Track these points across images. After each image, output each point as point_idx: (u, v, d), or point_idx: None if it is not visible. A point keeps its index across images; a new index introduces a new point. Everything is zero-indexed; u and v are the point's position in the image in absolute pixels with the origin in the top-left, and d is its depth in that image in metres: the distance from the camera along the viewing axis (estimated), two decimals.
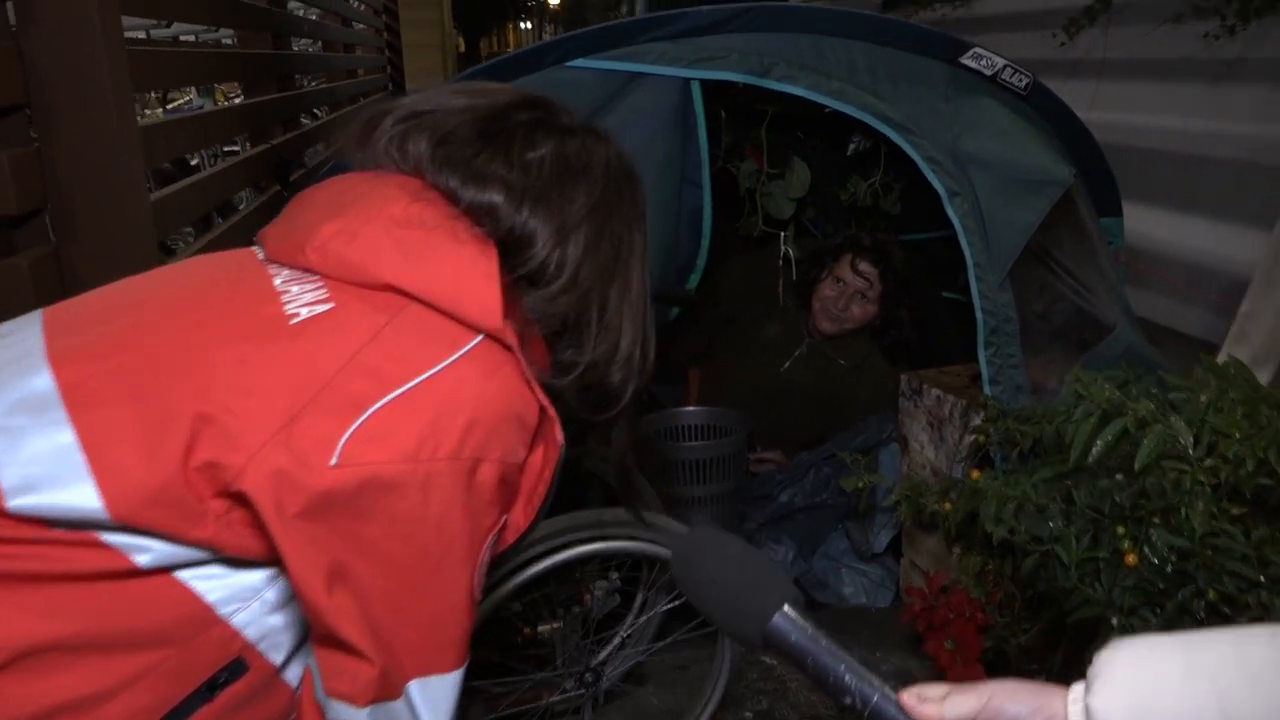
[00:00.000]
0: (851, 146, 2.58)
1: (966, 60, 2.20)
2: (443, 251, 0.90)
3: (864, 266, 2.70)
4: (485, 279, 0.90)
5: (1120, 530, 1.34)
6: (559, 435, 0.97)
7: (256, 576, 0.88)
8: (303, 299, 0.89)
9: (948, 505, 1.84)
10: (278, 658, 0.93)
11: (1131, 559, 1.32)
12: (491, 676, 2.04)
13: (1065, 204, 2.32)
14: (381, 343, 0.86)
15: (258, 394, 0.82)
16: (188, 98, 5.73)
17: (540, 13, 29.91)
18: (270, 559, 0.85)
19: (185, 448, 0.80)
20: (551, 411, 0.94)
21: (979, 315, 2.20)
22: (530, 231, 0.96)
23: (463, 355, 0.88)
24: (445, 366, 0.87)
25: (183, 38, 4.92)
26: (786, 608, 0.87)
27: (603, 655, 2.05)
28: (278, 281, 0.92)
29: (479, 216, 0.95)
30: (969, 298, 2.18)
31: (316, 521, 0.81)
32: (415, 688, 0.89)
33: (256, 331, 0.86)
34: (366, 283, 0.90)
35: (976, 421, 2.28)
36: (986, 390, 2.23)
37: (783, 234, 2.75)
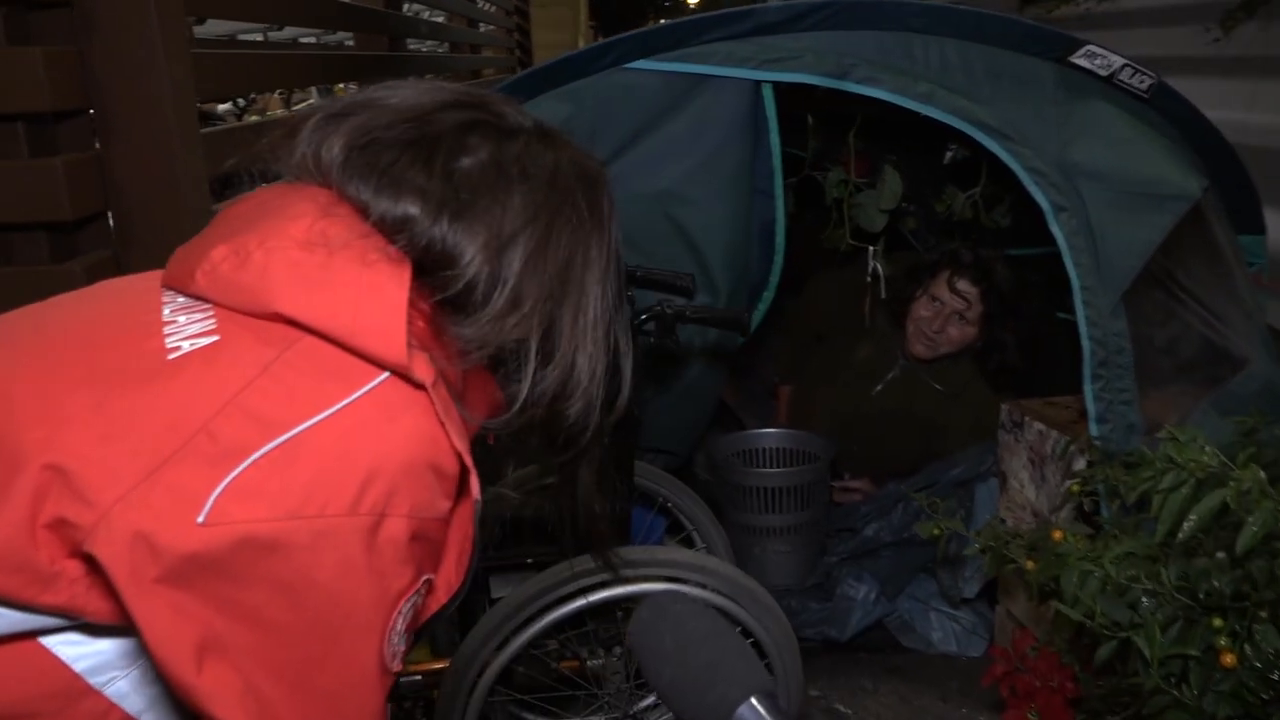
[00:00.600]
0: (949, 154, 2.36)
1: (1078, 59, 1.96)
2: (344, 275, 0.78)
3: (963, 285, 2.46)
4: (388, 306, 0.77)
5: (1216, 623, 1.11)
6: (475, 488, 0.84)
7: (134, 642, 0.77)
8: (187, 331, 0.78)
9: (1031, 564, 1.62)
10: None
11: (1229, 659, 1.09)
12: (529, 712, 1.94)
13: (1194, 221, 2.06)
14: (267, 382, 0.75)
15: (117, 441, 0.72)
16: (310, 100, 5.87)
17: (679, 10, 29.90)
18: None
19: (31, 503, 0.70)
20: (468, 461, 0.81)
21: (1085, 344, 1.97)
22: (452, 247, 0.82)
23: (362, 395, 0.76)
24: (340, 409, 0.75)
25: (302, 39, 5.01)
26: (754, 700, 0.72)
27: (648, 700, 1.91)
28: (167, 311, 0.81)
29: (392, 232, 0.82)
30: None
31: (182, 588, 0.70)
32: None
33: (127, 369, 0.76)
34: (257, 312, 0.78)
35: (1081, 464, 2.04)
36: (1093, 429, 1.99)
37: (871, 249, 2.54)
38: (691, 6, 30.60)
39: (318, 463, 0.73)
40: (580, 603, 1.68)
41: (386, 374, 0.78)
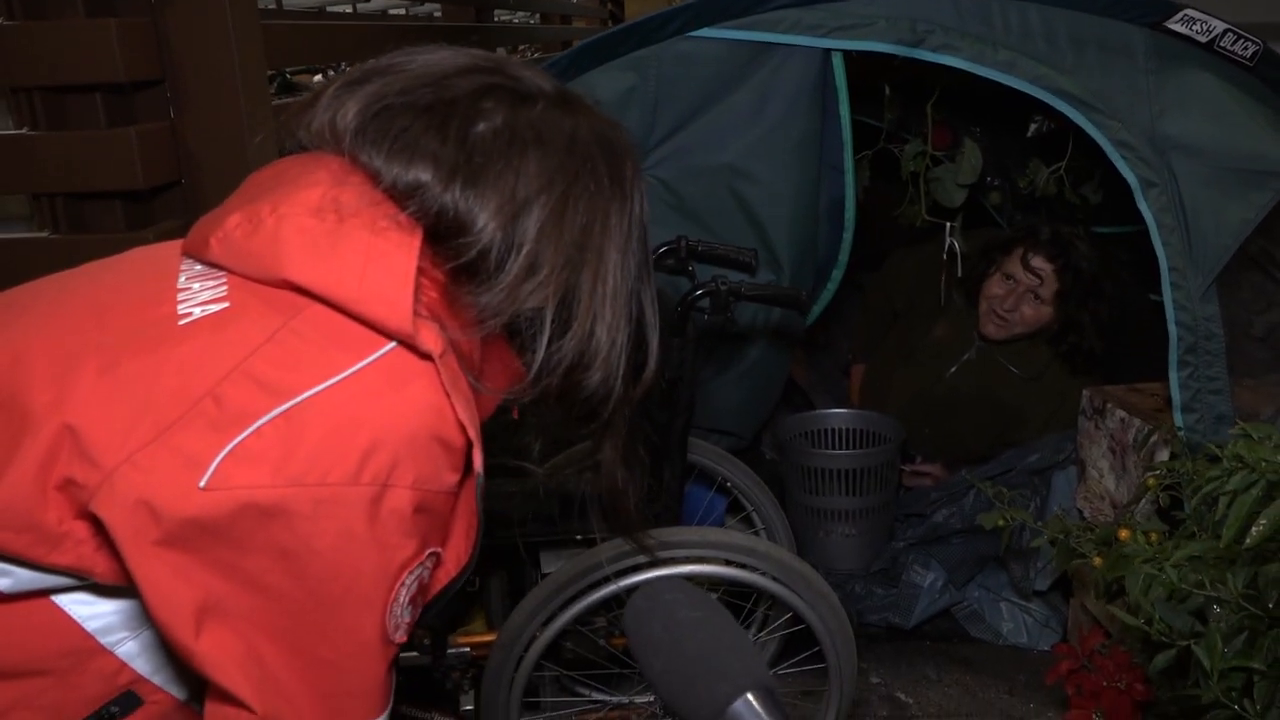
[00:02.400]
0: (1033, 127, 2.24)
1: (1174, 25, 1.84)
2: (353, 242, 0.77)
3: (1037, 261, 2.35)
4: (396, 273, 0.76)
5: None
6: (478, 463, 0.82)
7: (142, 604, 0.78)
8: (200, 298, 0.79)
9: (1098, 561, 1.54)
10: (181, 690, 0.84)
11: None
12: (570, 693, 1.93)
13: None
14: (273, 349, 0.75)
15: (124, 404, 0.72)
16: None
17: None
18: None
19: (43, 462, 0.71)
20: (472, 433, 0.79)
21: (1172, 329, 1.87)
22: (464, 214, 0.81)
23: (368, 364, 0.75)
24: (346, 377, 0.74)
25: (392, 11, 5.05)
26: (750, 696, 0.68)
27: None
28: (182, 278, 0.82)
29: (403, 199, 0.81)
30: None
31: (183, 551, 0.71)
32: None
33: (137, 335, 0.76)
34: (267, 278, 0.78)
35: (1164, 455, 1.94)
36: (1178, 419, 1.88)
37: (949, 225, 2.44)
38: None
39: (321, 430, 0.73)
40: (626, 581, 1.66)
41: (394, 343, 0.77)
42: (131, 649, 0.80)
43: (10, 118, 1.70)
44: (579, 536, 1.78)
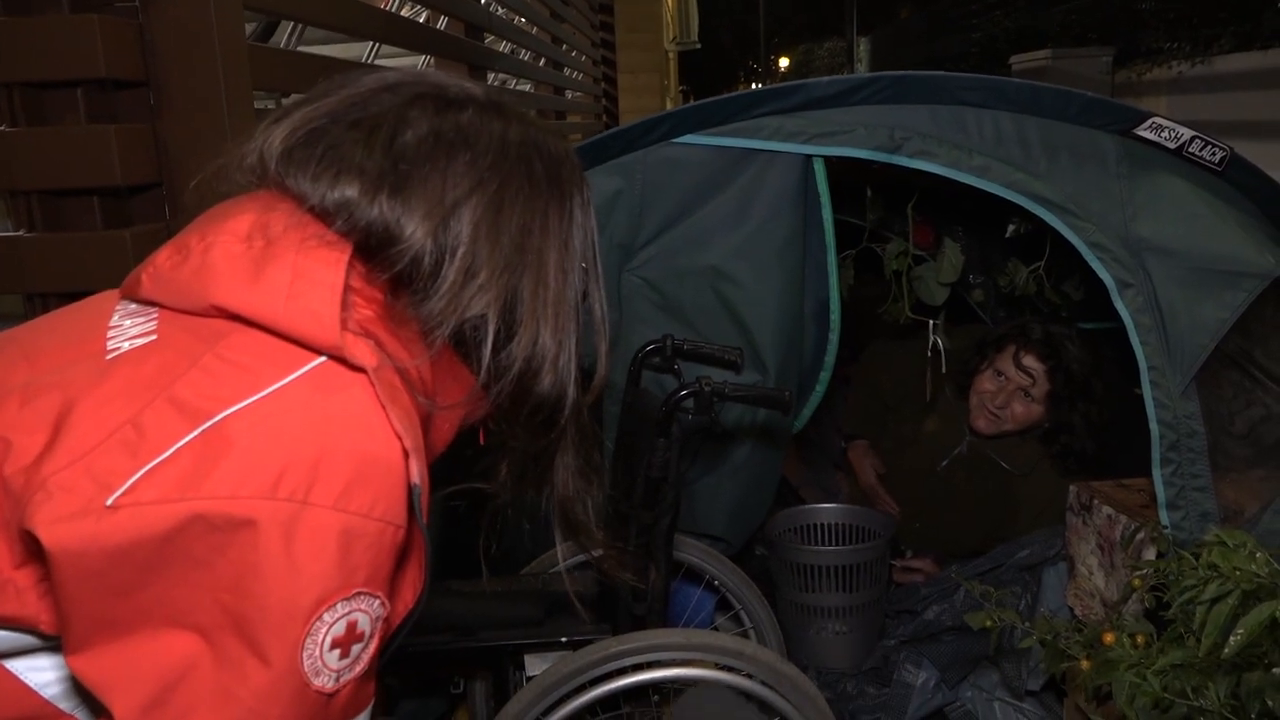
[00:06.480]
0: (1011, 228, 2.29)
1: (1144, 131, 1.89)
2: (280, 263, 0.77)
3: (1029, 361, 2.37)
4: (322, 289, 0.76)
5: None
6: (414, 473, 0.77)
7: None
8: (129, 333, 0.80)
9: (1085, 663, 1.53)
10: None
11: None
12: None
13: (1275, 299, 1.95)
14: (198, 374, 0.74)
15: (44, 433, 0.73)
16: None
17: (769, 76, 30.17)
18: None
19: None
20: (408, 442, 0.76)
21: (1154, 427, 1.88)
22: (392, 224, 0.81)
23: (293, 379, 0.75)
24: (269, 392, 0.74)
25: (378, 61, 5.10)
26: None
27: None
28: (115, 317, 0.83)
29: (331, 218, 0.81)
30: None
31: (98, 568, 0.69)
32: None
33: (64, 370, 0.77)
34: (196, 307, 0.79)
35: (1151, 553, 1.93)
36: (1163, 517, 1.89)
37: (932, 323, 2.47)
38: (782, 71, 30.82)
39: (241, 446, 0.71)
40: (614, 685, 1.64)
41: (322, 358, 0.76)
42: (90, 714, 0.79)
43: None
44: (564, 639, 1.76)
